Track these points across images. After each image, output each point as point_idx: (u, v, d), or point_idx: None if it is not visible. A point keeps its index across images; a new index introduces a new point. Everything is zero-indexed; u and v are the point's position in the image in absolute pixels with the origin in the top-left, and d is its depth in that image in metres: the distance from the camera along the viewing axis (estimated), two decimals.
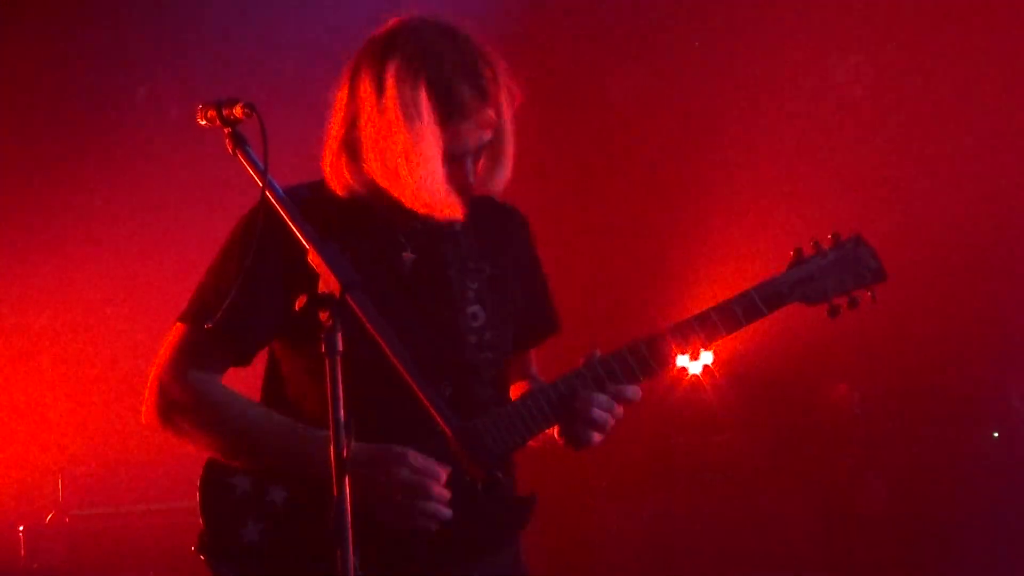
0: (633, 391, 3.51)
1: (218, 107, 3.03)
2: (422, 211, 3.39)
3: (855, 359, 7.89)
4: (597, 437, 3.52)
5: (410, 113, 3.29)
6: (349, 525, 2.66)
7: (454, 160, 3.37)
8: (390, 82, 3.31)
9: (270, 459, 3.36)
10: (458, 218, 3.43)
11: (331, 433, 2.67)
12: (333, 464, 2.67)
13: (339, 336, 2.69)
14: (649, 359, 3.52)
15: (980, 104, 7.70)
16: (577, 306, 7.25)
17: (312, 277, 2.85)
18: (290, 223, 2.91)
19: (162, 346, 3.46)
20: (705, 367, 7.89)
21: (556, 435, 3.57)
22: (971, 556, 7.18)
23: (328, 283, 2.73)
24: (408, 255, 3.50)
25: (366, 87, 3.36)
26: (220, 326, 3.28)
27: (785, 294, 3.65)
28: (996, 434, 7.44)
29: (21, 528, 6.57)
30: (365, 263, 3.41)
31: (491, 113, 3.38)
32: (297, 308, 2.72)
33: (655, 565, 7.38)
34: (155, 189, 7.13)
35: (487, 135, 3.40)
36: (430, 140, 3.30)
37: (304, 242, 2.85)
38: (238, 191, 3.47)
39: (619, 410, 3.50)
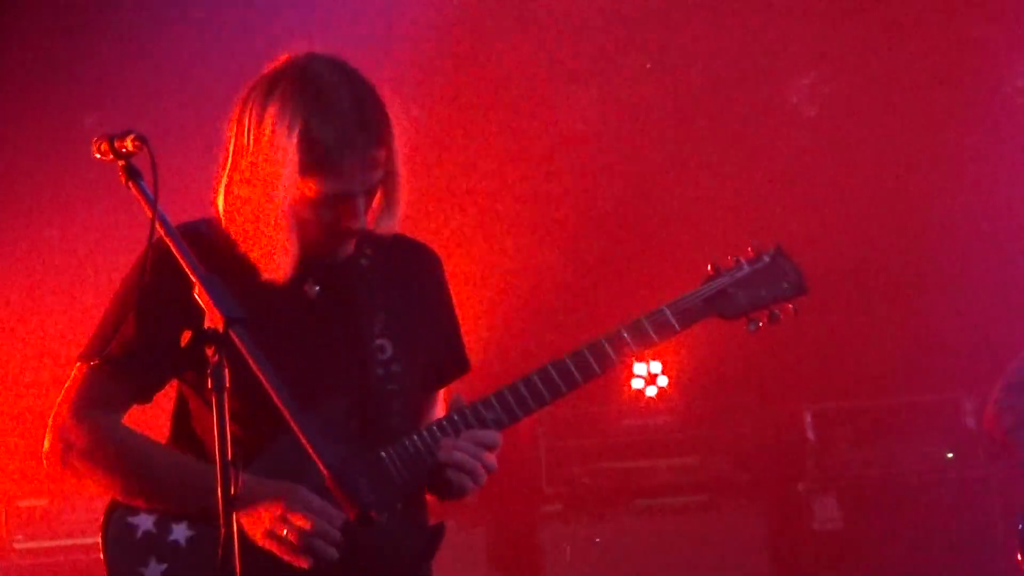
0: (491, 436, 3.42)
1: (111, 140, 2.99)
2: (257, 264, 3.33)
3: (810, 380, 7.89)
4: (467, 483, 3.41)
5: (278, 160, 3.23)
6: (237, 565, 2.62)
7: (341, 201, 3.32)
8: (267, 126, 3.26)
9: (170, 499, 3.31)
10: (277, 281, 3.35)
11: (218, 471, 2.63)
12: (220, 503, 2.63)
13: (226, 372, 2.65)
14: (540, 386, 3.47)
15: (934, 122, 7.74)
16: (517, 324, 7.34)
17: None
18: (179, 257, 2.87)
19: (63, 386, 3.42)
20: (661, 390, 7.86)
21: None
22: (926, 572, 7.16)
23: (213, 318, 2.69)
24: (310, 286, 3.46)
25: (247, 129, 3.31)
26: (117, 364, 3.26)
27: (699, 308, 3.58)
28: (950, 454, 7.42)
29: None
30: (266, 297, 3.38)
31: (379, 153, 3.32)
32: (183, 344, 2.68)
33: None
34: (99, 218, 7.03)
35: (376, 175, 3.34)
36: (290, 190, 3.25)
37: (191, 277, 2.81)
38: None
39: (489, 458, 3.41)
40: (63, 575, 6.63)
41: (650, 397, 7.83)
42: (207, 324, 2.70)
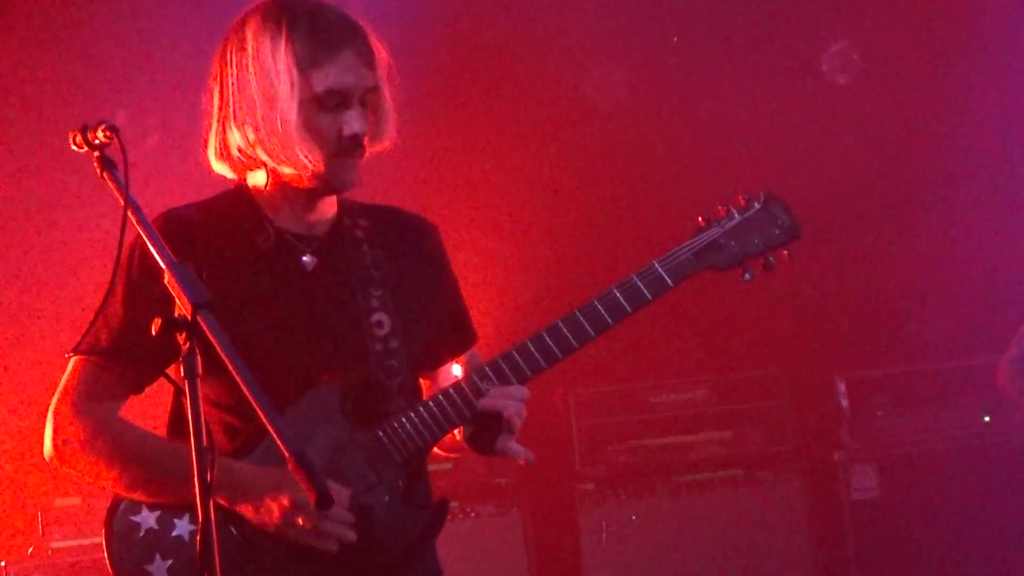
0: (521, 391, 3.41)
1: (84, 131, 3.00)
2: (315, 184, 3.35)
3: (841, 348, 7.81)
4: (511, 437, 3.42)
5: (274, 69, 3.27)
6: (216, 550, 2.61)
7: (341, 103, 3.31)
8: (252, 43, 3.30)
9: (169, 489, 3.33)
10: (350, 185, 3.39)
11: (193, 458, 2.62)
12: (198, 489, 2.63)
13: (198, 359, 2.64)
14: (550, 345, 3.44)
15: (966, 86, 7.67)
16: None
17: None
18: (149, 245, 2.86)
19: (60, 381, 3.44)
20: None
21: (464, 442, 3.49)
22: (966, 540, 7.07)
23: (182, 305, 2.68)
24: (308, 259, 3.45)
25: (230, 65, 3.34)
26: (108, 356, 3.27)
27: (690, 261, 3.52)
28: (987, 417, 7.33)
29: (3, 563, 6.55)
30: (262, 277, 3.38)
31: (369, 53, 3.34)
32: (154, 333, 2.68)
33: (648, 564, 7.29)
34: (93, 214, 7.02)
35: (371, 75, 3.35)
36: (295, 96, 3.27)
37: (161, 264, 2.80)
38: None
39: (521, 408, 3.41)
40: (101, 573, 6.64)
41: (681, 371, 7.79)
42: (177, 312, 2.70)
